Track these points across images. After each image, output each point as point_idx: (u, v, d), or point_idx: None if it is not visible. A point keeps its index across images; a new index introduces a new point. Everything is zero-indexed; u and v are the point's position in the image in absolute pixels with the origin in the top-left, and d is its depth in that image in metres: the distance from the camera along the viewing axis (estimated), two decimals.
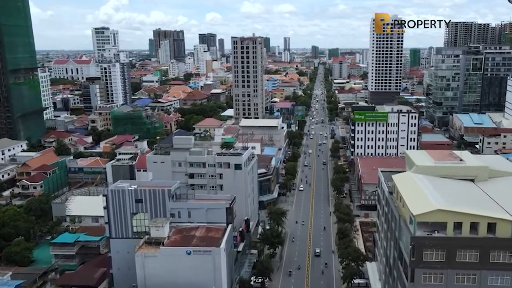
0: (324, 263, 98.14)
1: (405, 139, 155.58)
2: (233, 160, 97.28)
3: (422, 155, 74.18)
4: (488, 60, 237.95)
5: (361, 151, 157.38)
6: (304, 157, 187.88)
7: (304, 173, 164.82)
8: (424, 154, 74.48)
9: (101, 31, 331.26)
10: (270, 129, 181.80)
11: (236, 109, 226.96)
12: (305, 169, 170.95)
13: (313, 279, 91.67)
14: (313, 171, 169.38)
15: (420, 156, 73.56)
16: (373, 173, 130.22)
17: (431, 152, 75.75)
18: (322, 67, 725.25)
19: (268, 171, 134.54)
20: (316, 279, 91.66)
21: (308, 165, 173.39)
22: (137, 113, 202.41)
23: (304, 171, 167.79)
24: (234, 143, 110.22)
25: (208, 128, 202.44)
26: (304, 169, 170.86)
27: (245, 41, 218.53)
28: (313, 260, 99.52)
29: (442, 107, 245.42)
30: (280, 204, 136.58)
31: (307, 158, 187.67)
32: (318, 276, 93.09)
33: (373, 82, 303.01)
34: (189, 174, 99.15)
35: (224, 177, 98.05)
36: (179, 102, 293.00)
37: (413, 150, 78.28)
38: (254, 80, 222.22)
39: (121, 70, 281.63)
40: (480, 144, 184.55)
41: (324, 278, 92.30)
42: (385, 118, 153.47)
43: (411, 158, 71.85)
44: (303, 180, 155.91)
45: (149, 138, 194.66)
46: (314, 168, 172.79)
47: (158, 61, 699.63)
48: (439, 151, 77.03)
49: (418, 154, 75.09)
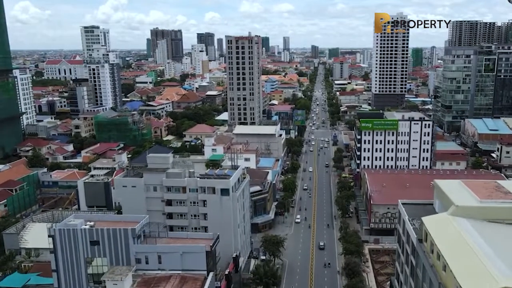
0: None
1: (417, 150, 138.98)
2: (219, 184, 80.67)
3: (460, 188, 57.47)
4: (502, 61, 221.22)
5: (368, 163, 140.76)
6: (303, 173, 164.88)
7: (304, 187, 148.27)
8: (462, 187, 57.76)
9: (91, 30, 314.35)
10: (267, 137, 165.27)
11: (231, 113, 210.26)
12: (305, 182, 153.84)
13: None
14: (314, 183, 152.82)
15: (457, 190, 56.84)
16: (384, 191, 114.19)
17: (470, 183, 58.97)
18: (322, 67, 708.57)
19: (263, 188, 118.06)
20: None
21: (308, 188, 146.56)
22: (122, 119, 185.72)
23: (304, 183, 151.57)
24: (221, 160, 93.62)
25: (200, 135, 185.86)
26: (304, 182, 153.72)
27: (241, 40, 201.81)
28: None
29: (451, 111, 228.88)
30: (277, 226, 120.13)
31: (306, 177, 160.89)
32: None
33: (377, 84, 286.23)
34: (166, 200, 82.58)
35: (209, 204, 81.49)
36: (171, 105, 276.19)
37: (445, 181, 60.98)
38: (250, 82, 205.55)
39: (111, 71, 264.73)
40: (497, 153, 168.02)
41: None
42: (395, 127, 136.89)
43: (447, 195, 55.15)
44: (303, 203, 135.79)
45: (136, 145, 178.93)
46: (316, 180, 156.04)
47: (155, 61, 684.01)
48: (480, 182, 60.28)
49: (455, 187, 58.33)
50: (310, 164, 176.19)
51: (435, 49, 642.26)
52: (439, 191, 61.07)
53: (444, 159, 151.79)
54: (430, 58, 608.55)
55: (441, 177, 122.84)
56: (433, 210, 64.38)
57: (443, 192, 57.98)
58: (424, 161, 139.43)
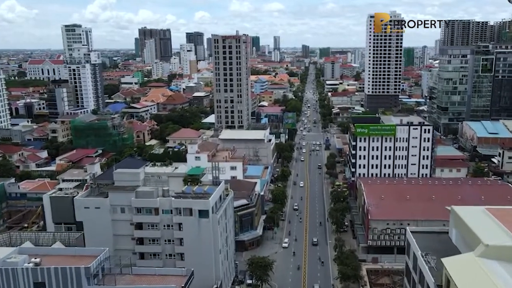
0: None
1: (416, 157, 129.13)
2: (197, 204, 69.84)
3: (486, 219, 47.28)
4: (500, 61, 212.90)
5: (363, 172, 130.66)
6: (293, 187, 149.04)
7: (294, 206, 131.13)
8: (488, 216, 47.54)
9: (72, 29, 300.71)
10: (256, 143, 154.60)
11: (217, 116, 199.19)
12: (295, 199, 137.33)
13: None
14: (306, 192, 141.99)
15: (483, 221, 46.64)
16: (382, 205, 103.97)
17: (497, 212, 48.73)
18: (313, 66, 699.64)
19: (250, 202, 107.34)
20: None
21: (298, 209, 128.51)
22: (101, 123, 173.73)
23: (294, 201, 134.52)
24: (201, 175, 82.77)
25: (184, 141, 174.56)
26: (295, 199, 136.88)
27: (228, 39, 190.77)
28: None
29: (448, 112, 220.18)
30: (266, 243, 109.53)
31: (297, 193, 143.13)
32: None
33: (370, 85, 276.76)
34: (136, 223, 71.47)
35: (185, 227, 70.62)
36: (156, 107, 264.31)
37: (466, 209, 50.25)
38: (238, 83, 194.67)
39: (92, 71, 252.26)
40: (498, 159, 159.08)
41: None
42: (393, 132, 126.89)
43: (471, 228, 44.85)
44: (292, 227, 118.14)
45: (115, 152, 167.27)
46: (308, 190, 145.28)
47: (143, 61, 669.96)
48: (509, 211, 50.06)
49: (478, 217, 48.09)
50: (301, 176, 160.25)
51: (426, 48, 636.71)
52: (458, 220, 50.83)
53: (443, 166, 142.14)
54: (422, 57, 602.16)
55: (444, 187, 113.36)
56: (449, 241, 54.30)
57: (465, 223, 47.74)
58: (423, 169, 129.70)
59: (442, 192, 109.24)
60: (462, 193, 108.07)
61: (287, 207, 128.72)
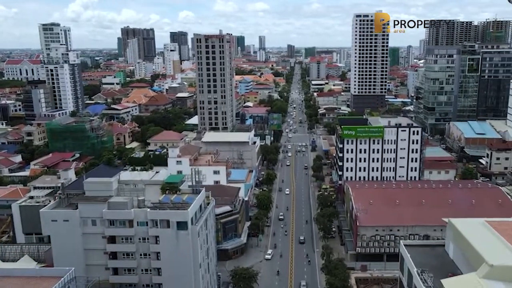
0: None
1: (405, 160, 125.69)
2: (174, 215, 64.65)
3: (487, 234, 43.19)
4: (486, 61, 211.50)
5: (351, 175, 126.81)
6: (279, 193, 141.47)
7: (279, 216, 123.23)
8: (489, 231, 43.46)
9: (50, 28, 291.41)
10: (240, 145, 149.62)
11: (201, 118, 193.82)
12: (281, 209, 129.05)
13: None
14: (292, 204, 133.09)
15: (485, 236, 42.50)
16: (371, 210, 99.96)
17: (499, 226, 44.71)
18: (298, 66, 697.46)
19: (234, 208, 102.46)
20: None
21: (284, 219, 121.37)
22: (79, 126, 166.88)
23: (280, 211, 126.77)
24: (180, 182, 77.49)
25: (166, 143, 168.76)
26: (280, 208, 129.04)
27: (211, 38, 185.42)
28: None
29: (434, 113, 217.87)
30: (251, 251, 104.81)
31: (282, 202, 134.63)
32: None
33: (356, 85, 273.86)
34: (109, 237, 65.97)
35: (162, 240, 65.32)
36: (138, 109, 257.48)
37: (464, 222, 45.87)
38: (222, 84, 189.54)
39: (71, 72, 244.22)
40: (486, 160, 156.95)
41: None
42: (381, 134, 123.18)
43: (472, 245, 40.58)
44: (277, 240, 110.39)
45: (94, 155, 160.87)
46: (294, 197, 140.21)
47: (126, 60, 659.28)
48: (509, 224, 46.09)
49: (479, 232, 44.01)
50: (287, 182, 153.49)
51: (412, 48, 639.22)
52: (456, 233, 46.65)
53: (432, 168, 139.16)
54: (407, 57, 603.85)
55: (433, 191, 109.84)
56: (446, 256, 50.16)
57: (464, 237, 43.59)
58: (412, 172, 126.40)
59: (432, 195, 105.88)
60: (452, 196, 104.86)
61: (272, 213, 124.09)
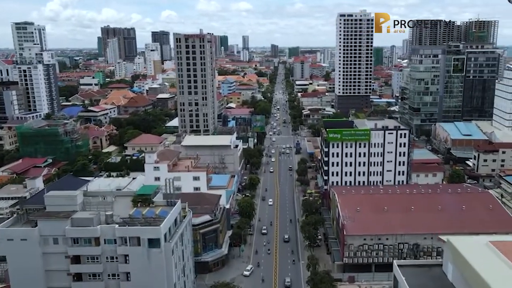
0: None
1: (392, 164, 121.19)
2: (145, 232, 58.56)
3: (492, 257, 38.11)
4: (471, 61, 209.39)
5: (337, 180, 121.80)
6: (262, 203, 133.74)
7: (262, 230, 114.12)
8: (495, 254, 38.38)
9: (23, 27, 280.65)
10: (221, 149, 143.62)
11: (181, 120, 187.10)
12: (264, 221, 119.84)
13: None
14: (276, 217, 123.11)
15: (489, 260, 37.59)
16: (358, 218, 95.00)
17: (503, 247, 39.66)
18: (282, 66, 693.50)
19: (214, 218, 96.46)
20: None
21: (267, 233, 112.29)
22: (51, 129, 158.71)
23: (262, 224, 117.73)
24: (153, 194, 71.10)
25: (145, 147, 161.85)
26: (263, 221, 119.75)
27: (191, 38, 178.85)
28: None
29: (420, 113, 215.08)
30: (232, 262, 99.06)
31: (264, 214, 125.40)
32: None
33: (341, 85, 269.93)
34: (72, 256, 59.49)
35: (132, 259, 59.17)
36: (117, 110, 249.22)
37: (465, 241, 40.83)
38: (203, 85, 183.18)
39: (45, 72, 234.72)
40: (474, 161, 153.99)
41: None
42: (368, 137, 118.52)
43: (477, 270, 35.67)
44: (259, 258, 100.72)
45: (68, 160, 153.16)
46: (278, 207, 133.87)
47: (106, 60, 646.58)
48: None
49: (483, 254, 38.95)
50: (270, 191, 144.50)
51: (395, 48, 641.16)
52: (456, 254, 41.53)
53: (419, 171, 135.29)
54: (391, 57, 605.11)
55: (422, 196, 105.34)
56: (444, 278, 45.20)
57: (466, 260, 38.51)
58: (400, 175, 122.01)
59: (421, 201, 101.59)
60: (442, 202, 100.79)
61: (256, 220, 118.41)
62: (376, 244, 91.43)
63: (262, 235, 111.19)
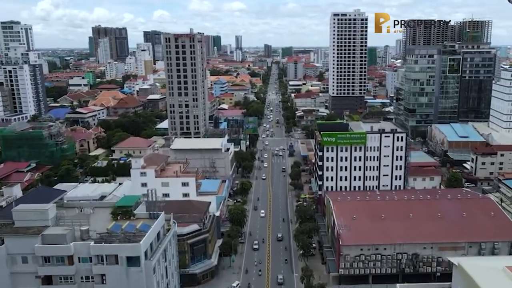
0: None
1: (389, 168, 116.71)
2: (124, 250, 53.41)
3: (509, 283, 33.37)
4: (467, 61, 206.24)
5: (331, 185, 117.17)
6: (254, 212, 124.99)
7: (254, 245, 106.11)
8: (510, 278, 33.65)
9: (9, 26, 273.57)
10: (212, 153, 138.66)
11: (171, 122, 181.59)
12: (255, 235, 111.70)
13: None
14: (268, 233, 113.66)
15: None
16: (354, 226, 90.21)
17: None
18: (275, 66, 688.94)
19: (203, 227, 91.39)
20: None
21: (259, 248, 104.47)
22: (35, 132, 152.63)
23: (254, 238, 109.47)
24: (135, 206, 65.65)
25: (133, 151, 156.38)
26: (254, 235, 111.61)
27: (181, 38, 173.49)
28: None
29: (415, 114, 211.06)
30: (222, 274, 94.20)
31: (257, 222, 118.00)
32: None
33: (335, 86, 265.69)
34: (43, 277, 54.18)
35: (109, 279, 54.05)
36: (106, 112, 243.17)
37: (477, 265, 35.87)
38: (193, 86, 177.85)
39: (32, 73, 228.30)
40: (472, 164, 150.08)
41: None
42: (364, 141, 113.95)
43: None
44: (250, 278, 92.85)
45: (53, 164, 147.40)
46: (270, 219, 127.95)
47: (98, 61, 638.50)
48: None
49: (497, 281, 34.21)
50: (262, 200, 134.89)
51: (389, 48, 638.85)
52: (469, 281, 36.75)
53: (416, 174, 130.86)
54: (384, 57, 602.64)
55: (421, 203, 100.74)
56: None
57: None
58: (397, 180, 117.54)
59: (420, 208, 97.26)
60: (442, 209, 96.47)
61: (247, 228, 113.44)
62: (374, 255, 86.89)
63: (253, 251, 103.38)
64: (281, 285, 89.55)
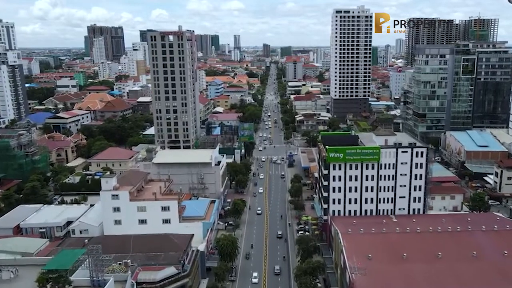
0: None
1: (406, 189, 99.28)
2: None
3: None
4: (482, 61, 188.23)
5: (338, 208, 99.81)
6: (245, 242, 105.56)
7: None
8: None
9: None
10: (201, 167, 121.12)
11: (158, 130, 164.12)
12: (248, 269, 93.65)
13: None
14: None
15: None
16: (370, 269, 71.89)
17: None
18: (274, 66, 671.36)
19: (182, 270, 73.80)
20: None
21: None
22: (2, 142, 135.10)
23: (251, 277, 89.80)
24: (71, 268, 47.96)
25: (112, 163, 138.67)
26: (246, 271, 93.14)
27: (167, 36, 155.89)
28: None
29: (426, 120, 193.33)
30: None
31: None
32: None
33: (337, 88, 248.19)
34: None
35: None
36: (92, 116, 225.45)
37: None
38: (182, 90, 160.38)
39: (11, 74, 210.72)
40: (495, 179, 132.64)
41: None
42: (377, 157, 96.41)
43: None
44: None
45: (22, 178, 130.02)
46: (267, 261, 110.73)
47: (93, 60, 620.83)
48: None
49: None
50: (258, 229, 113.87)
51: (390, 47, 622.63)
52: None
53: (434, 192, 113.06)
54: (385, 57, 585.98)
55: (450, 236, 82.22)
56: None
57: None
58: (415, 203, 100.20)
59: (449, 243, 79.62)
60: (476, 244, 78.78)
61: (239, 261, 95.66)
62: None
63: None
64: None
